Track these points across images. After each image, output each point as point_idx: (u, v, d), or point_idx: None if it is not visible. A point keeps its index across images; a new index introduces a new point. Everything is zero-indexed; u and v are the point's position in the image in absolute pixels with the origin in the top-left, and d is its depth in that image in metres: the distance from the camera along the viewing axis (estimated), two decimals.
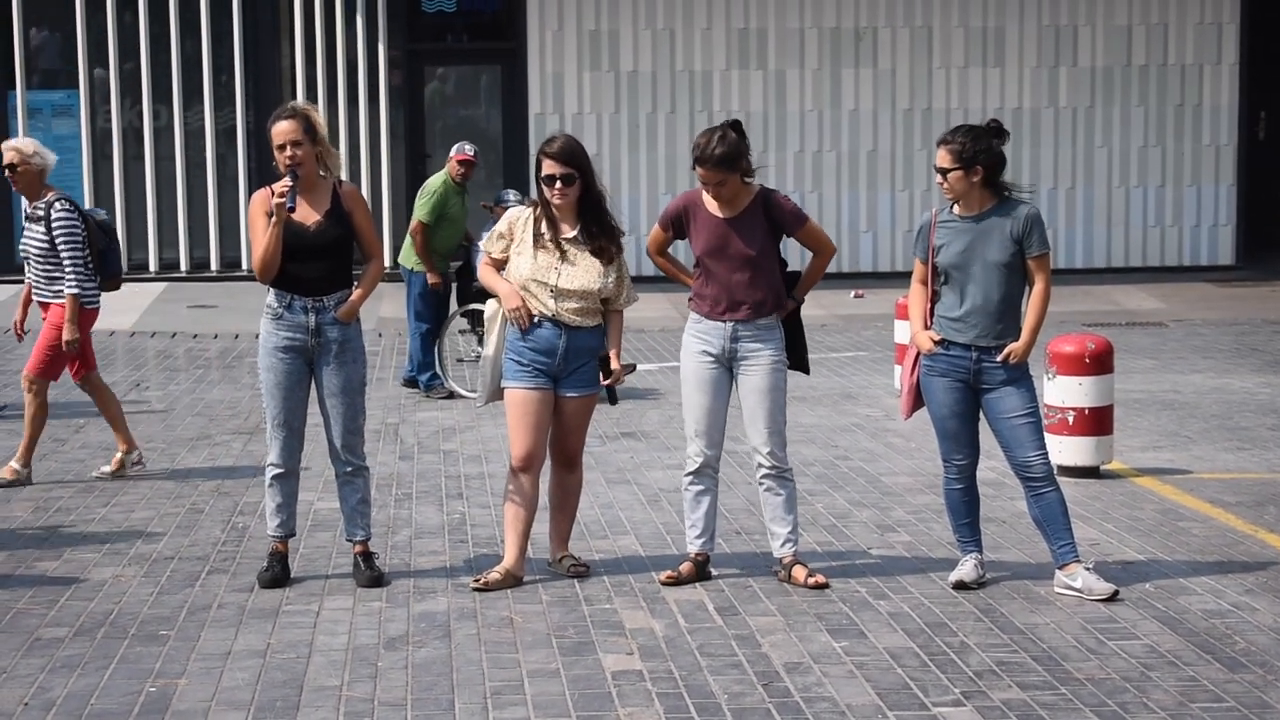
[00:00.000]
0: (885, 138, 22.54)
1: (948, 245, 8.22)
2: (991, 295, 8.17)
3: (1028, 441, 8.24)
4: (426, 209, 14.03)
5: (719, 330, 8.47)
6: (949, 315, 8.26)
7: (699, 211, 8.51)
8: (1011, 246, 8.15)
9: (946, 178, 8.13)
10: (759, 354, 8.46)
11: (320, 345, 8.48)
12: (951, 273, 8.22)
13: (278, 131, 8.39)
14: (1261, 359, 16.24)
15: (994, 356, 8.19)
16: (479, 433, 12.58)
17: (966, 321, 8.21)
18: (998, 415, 8.26)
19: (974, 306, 8.19)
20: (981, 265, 8.15)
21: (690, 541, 8.61)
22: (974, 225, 8.19)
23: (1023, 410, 8.21)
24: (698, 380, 8.51)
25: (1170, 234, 22.83)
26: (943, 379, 8.29)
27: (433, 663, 7.33)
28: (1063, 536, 8.32)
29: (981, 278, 8.17)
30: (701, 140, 8.40)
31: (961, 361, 8.25)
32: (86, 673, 7.19)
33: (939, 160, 8.16)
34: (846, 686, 7.01)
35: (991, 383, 8.23)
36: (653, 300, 19.84)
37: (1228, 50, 22.75)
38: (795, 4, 22.28)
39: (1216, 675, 7.12)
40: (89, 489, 10.72)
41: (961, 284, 8.21)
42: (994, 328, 8.19)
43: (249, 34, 22.27)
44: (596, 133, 21.94)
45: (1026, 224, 8.17)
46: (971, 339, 8.21)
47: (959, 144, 8.11)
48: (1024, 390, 8.24)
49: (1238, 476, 11.06)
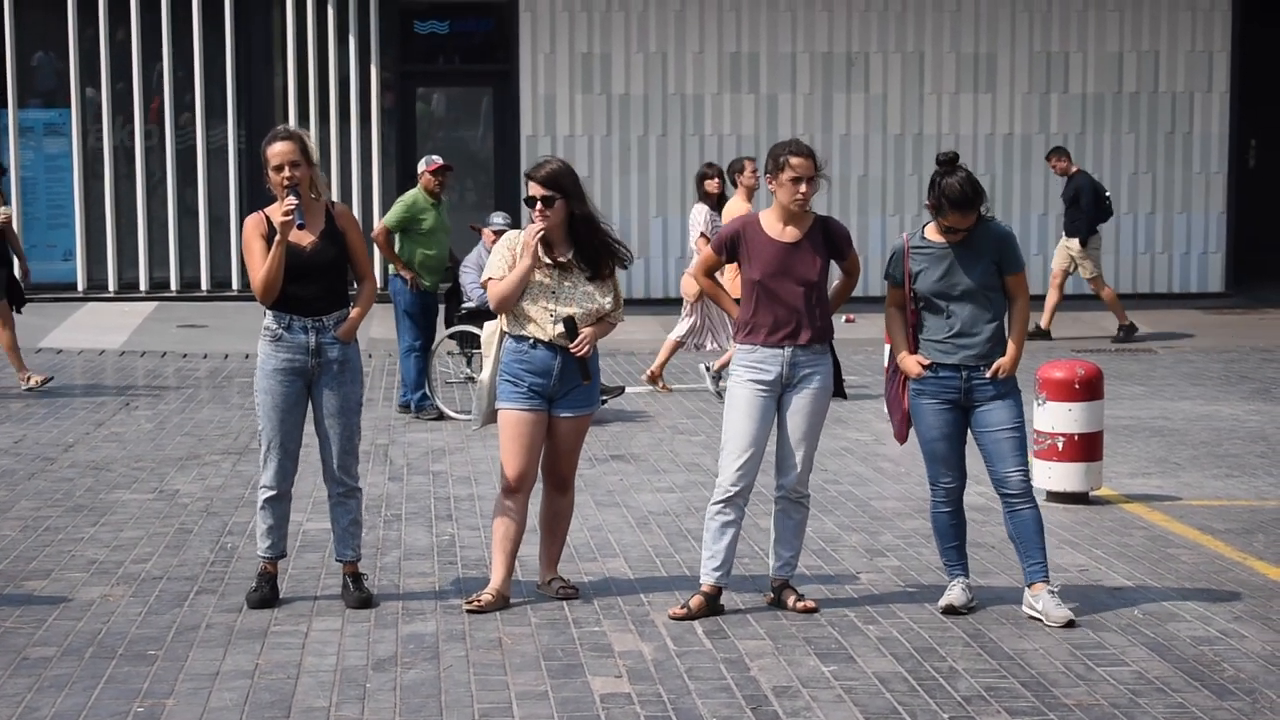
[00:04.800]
0: (876, 162, 22.58)
1: (925, 271, 8.25)
2: (976, 317, 8.22)
3: (1009, 456, 8.27)
4: (392, 215, 14.40)
5: (776, 357, 8.35)
6: (935, 338, 8.29)
7: (758, 235, 8.43)
8: (990, 268, 8.21)
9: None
10: (812, 379, 8.39)
11: (321, 365, 8.48)
12: (931, 297, 8.25)
13: (275, 152, 8.39)
14: (1251, 386, 16.26)
15: (983, 373, 8.23)
16: (468, 454, 12.58)
17: (954, 344, 8.24)
18: (983, 429, 8.29)
19: (960, 329, 8.23)
20: (963, 289, 8.20)
21: (706, 573, 8.41)
22: (949, 250, 8.23)
23: (1008, 425, 8.25)
24: (748, 408, 8.36)
25: (1160, 261, 22.87)
26: (932, 402, 8.31)
27: (421, 684, 7.31)
28: (1034, 555, 8.34)
29: (963, 302, 8.21)
30: (788, 140, 8.51)
31: (951, 382, 8.27)
32: (74, 692, 7.17)
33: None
34: (835, 711, 7.01)
35: (981, 399, 8.27)
36: (642, 323, 19.85)
37: (1219, 78, 22.81)
38: (787, 28, 22.33)
39: (1205, 702, 7.12)
40: (77, 509, 10.70)
41: (944, 308, 8.24)
42: (982, 346, 8.23)
43: (241, 54, 22.27)
44: (588, 155, 21.96)
45: (1000, 244, 8.25)
46: (960, 360, 8.24)
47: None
48: (1011, 405, 8.28)
49: (1226, 503, 11.07)
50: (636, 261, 22.24)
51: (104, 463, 12.20)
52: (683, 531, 10.12)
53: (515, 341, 8.47)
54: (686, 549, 9.66)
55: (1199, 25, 22.77)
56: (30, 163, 22.34)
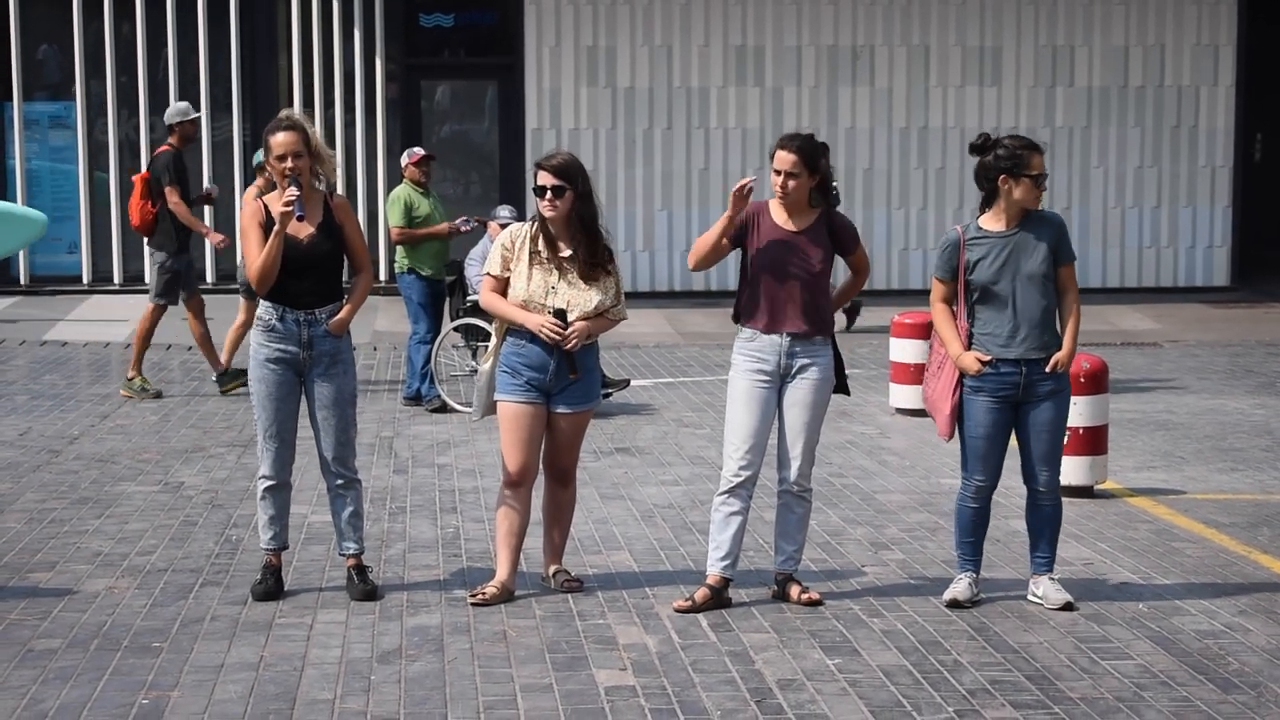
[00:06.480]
0: (881, 156, 22.57)
1: (985, 260, 8.20)
2: (1036, 307, 8.19)
3: (1048, 455, 8.31)
4: (395, 215, 14.56)
5: (774, 345, 8.35)
6: (994, 332, 8.23)
7: (764, 220, 8.40)
8: (1048, 256, 8.20)
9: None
10: (811, 370, 8.38)
11: (312, 358, 8.49)
12: (990, 289, 8.20)
13: (278, 142, 8.39)
14: (1256, 380, 16.24)
15: (1042, 368, 8.21)
16: (473, 447, 12.58)
17: (1015, 337, 8.19)
18: (1031, 426, 8.28)
19: (1021, 320, 8.19)
20: (1023, 278, 8.17)
21: (712, 564, 8.40)
22: (1009, 239, 8.21)
23: (1055, 426, 8.29)
24: (748, 399, 8.35)
25: (1166, 255, 22.86)
26: (989, 399, 8.25)
27: (426, 677, 7.32)
28: (1044, 550, 8.40)
29: (1023, 291, 8.18)
30: (788, 134, 8.49)
31: (1011, 378, 8.23)
32: (79, 685, 7.18)
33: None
34: (839, 704, 7.01)
35: (1039, 394, 8.25)
36: (647, 316, 19.86)
37: (1224, 72, 22.80)
38: (793, 21, 22.32)
39: (1209, 696, 7.12)
40: (82, 501, 10.71)
41: (1003, 299, 8.19)
42: (1041, 339, 8.22)
43: (246, 46, 22.28)
44: (593, 148, 21.95)
45: (1058, 232, 8.25)
46: (1021, 354, 8.20)
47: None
48: (1062, 403, 8.32)
49: (1231, 497, 11.07)
50: (641, 255, 22.29)
51: (109, 455, 12.21)
52: (687, 524, 10.12)
53: (513, 335, 8.47)
54: (691, 542, 9.66)
55: (1204, 19, 22.75)
56: (35, 155, 22.36)
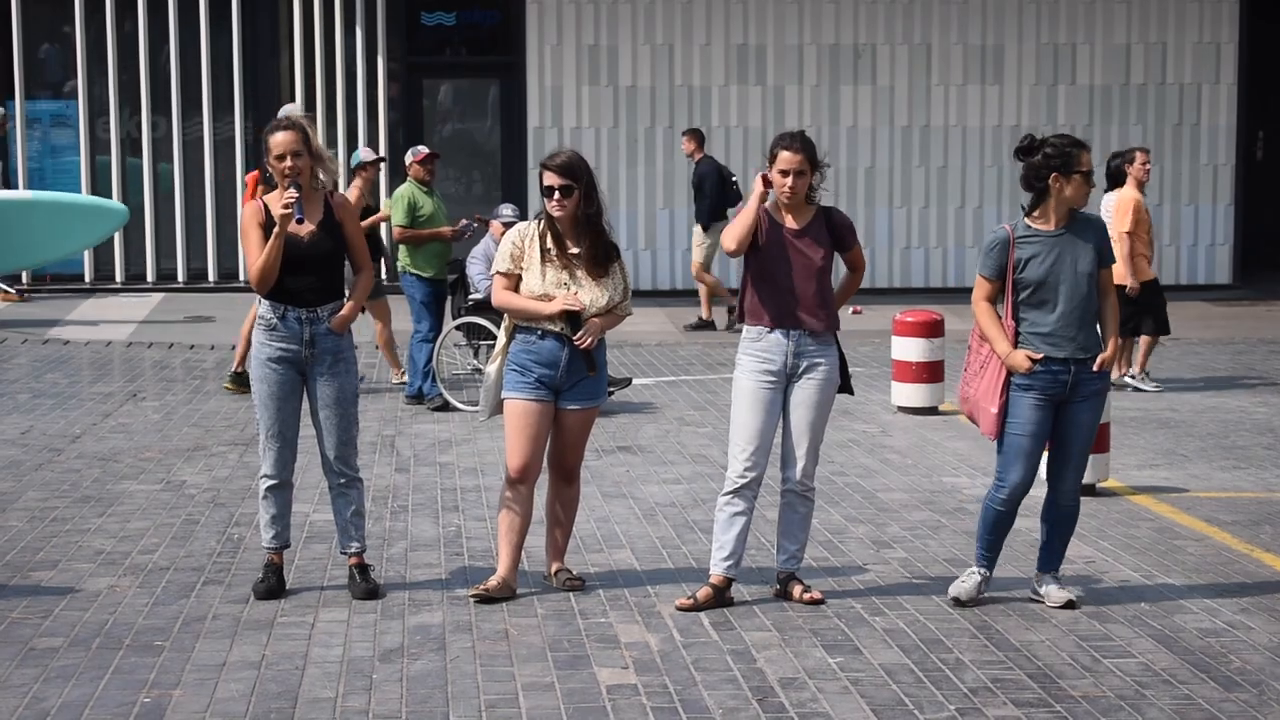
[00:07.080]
0: (883, 154, 22.57)
1: (1035, 259, 8.20)
2: (1083, 305, 8.21)
3: (1081, 454, 8.35)
4: (398, 214, 14.54)
5: (780, 345, 8.34)
6: (1044, 331, 8.22)
7: (766, 220, 8.39)
8: (1093, 256, 8.23)
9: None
10: (816, 370, 8.38)
11: (314, 356, 8.49)
12: (1039, 287, 8.20)
13: (277, 142, 8.39)
14: (1258, 378, 16.24)
15: (1089, 368, 8.23)
16: (475, 445, 12.58)
17: (1065, 335, 8.20)
18: (1069, 425, 8.28)
19: (1071, 319, 8.20)
20: (1072, 277, 8.18)
21: (715, 564, 8.39)
22: (1058, 238, 8.22)
23: (1092, 425, 8.33)
24: (754, 399, 8.33)
25: (1168, 253, 22.83)
26: (1038, 398, 8.23)
27: (428, 675, 7.32)
28: (1055, 547, 8.42)
29: (1072, 289, 8.19)
30: (784, 133, 8.47)
31: (1061, 376, 8.22)
32: (81, 683, 7.18)
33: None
34: (841, 702, 7.01)
35: (1084, 394, 8.26)
36: (649, 314, 19.86)
37: (1226, 70, 22.79)
38: (794, 20, 22.31)
39: (1211, 694, 7.12)
40: (84, 499, 10.71)
41: (1052, 298, 8.20)
42: (1089, 339, 8.25)
43: (248, 45, 22.29)
44: (595, 147, 21.94)
45: (1101, 234, 8.31)
46: (1070, 352, 8.20)
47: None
48: (1101, 405, 8.37)
49: (1234, 495, 11.07)
50: (643, 254, 22.29)
51: (111, 453, 12.22)
52: (689, 523, 10.12)
53: (523, 332, 8.48)
54: (693, 540, 9.66)
55: (1206, 17, 22.74)
56: (37, 153, 22.36)
